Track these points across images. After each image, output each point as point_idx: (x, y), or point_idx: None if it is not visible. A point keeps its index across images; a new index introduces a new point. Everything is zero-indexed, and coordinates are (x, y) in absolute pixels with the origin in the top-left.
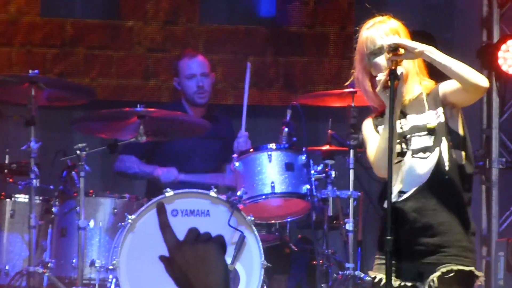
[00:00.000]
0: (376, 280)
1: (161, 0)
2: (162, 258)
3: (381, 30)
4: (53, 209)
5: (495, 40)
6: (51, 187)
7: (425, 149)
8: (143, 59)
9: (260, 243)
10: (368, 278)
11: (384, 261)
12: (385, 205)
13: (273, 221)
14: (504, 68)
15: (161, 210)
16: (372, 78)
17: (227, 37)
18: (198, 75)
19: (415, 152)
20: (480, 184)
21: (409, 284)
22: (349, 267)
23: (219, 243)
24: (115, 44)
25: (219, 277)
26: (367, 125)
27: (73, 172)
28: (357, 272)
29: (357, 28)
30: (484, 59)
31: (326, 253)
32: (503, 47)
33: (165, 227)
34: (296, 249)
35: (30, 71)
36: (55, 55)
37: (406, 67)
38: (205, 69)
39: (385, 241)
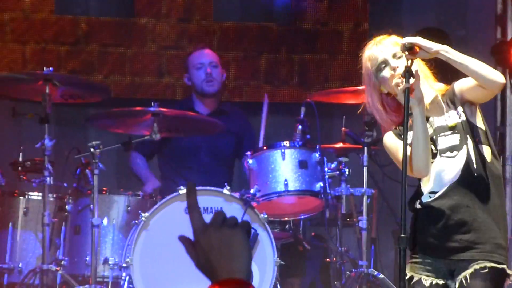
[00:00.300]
0: (406, 277)
1: None
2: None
3: (380, 46)
4: (67, 206)
5: (509, 37)
6: (65, 184)
7: (452, 148)
8: (157, 57)
9: (274, 241)
10: (381, 276)
11: (416, 260)
12: (416, 205)
13: (286, 219)
14: None
15: (191, 191)
16: (383, 96)
17: (241, 34)
18: (206, 64)
19: (442, 151)
20: None
21: (441, 282)
22: (363, 265)
23: (245, 228)
24: (128, 42)
25: (242, 263)
26: (389, 137)
27: (87, 170)
28: (371, 270)
29: (360, 55)
30: (498, 57)
31: (339, 250)
32: None
33: (193, 208)
34: (309, 247)
35: (45, 69)
36: (68, 53)
37: None
38: (214, 59)
39: (398, 238)
